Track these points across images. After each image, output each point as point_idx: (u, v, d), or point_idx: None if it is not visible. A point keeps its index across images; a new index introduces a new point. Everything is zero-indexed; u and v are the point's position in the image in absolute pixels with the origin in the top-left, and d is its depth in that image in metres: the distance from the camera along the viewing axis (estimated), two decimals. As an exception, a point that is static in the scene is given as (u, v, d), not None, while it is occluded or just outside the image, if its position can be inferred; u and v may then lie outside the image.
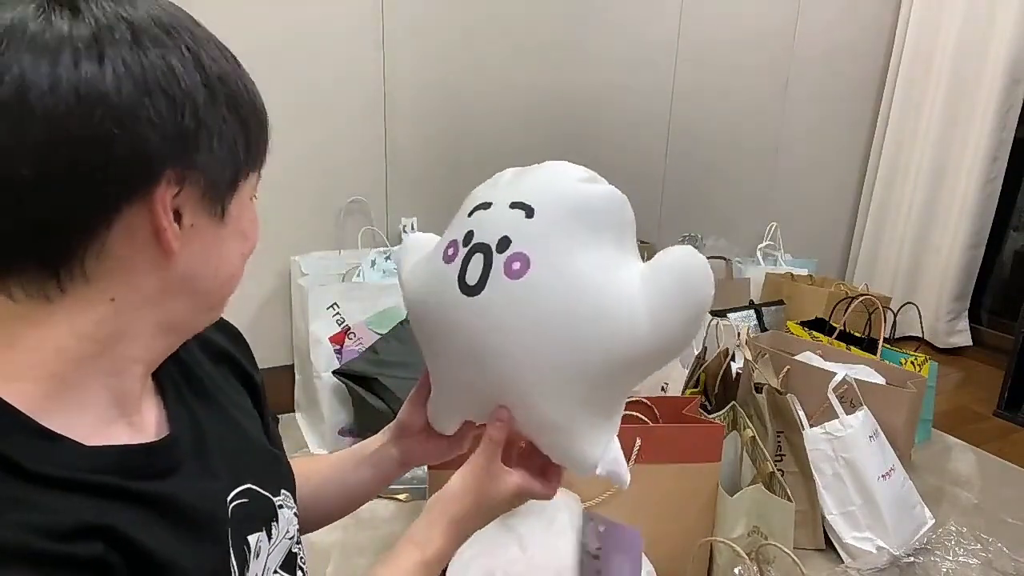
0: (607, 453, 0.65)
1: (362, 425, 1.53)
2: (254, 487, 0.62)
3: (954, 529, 1.30)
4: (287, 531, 0.65)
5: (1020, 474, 1.60)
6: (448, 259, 0.65)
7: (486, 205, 0.65)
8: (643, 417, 1.15)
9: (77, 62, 0.45)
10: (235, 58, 0.54)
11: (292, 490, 0.68)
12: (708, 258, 1.80)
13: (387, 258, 1.86)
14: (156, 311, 0.52)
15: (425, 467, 1.25)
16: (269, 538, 0.62)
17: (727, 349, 1.44)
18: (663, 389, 1.42)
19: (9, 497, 0.43)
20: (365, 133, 1.91)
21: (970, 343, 2.70)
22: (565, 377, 0.62)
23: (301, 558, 0.67)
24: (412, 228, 1.95)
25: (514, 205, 0.63)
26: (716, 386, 1.41)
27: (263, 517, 0.62)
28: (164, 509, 0.51)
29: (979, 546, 1.27)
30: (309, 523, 0.78)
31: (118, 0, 0.48)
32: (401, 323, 1.65)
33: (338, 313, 1.65)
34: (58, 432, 0.47)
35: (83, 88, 0.44)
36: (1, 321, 0.49)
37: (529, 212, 0.62)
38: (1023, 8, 2.40)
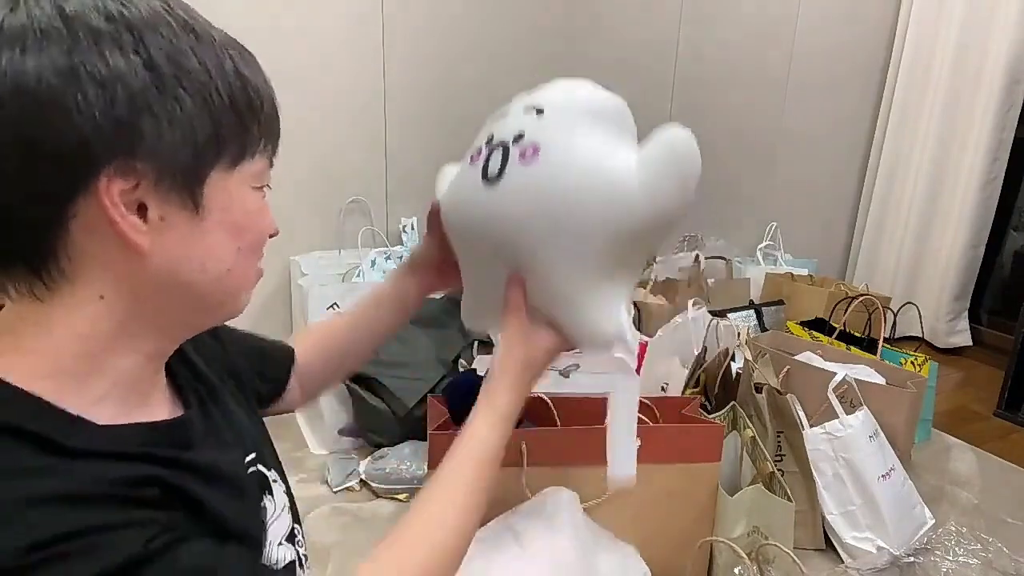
0: (618, 325, 0.69)
1: (362, 425, 1.53)
2: (256, 461, 0.65)
3: (954, 529, 1.30)
4: (283, 505, 0.67)
5: (1020, 474, 1.60)
6: (473, 161, 0.72)
7: (504, 114, 0.73)
8: (643, 417, 1.15)
9: None
10: (214, 40, 0.51)
11: (283, 472, 0.70)
12: (708, 258, 1.79)
13: (387, 258, 1.86)
14: (151, 308, 0.52)
15: (425, 467, 1.25)
16: (272, 508, 0.65)
17: (727, 349, 1.44)
18: (663, 389, 1.42)
19: (62, 465, 0.45)
20: (365, 133, 1.91)
21: (970, 343, 2.70)
22: (572, 245, 0.67)
23: (299, 541, 0.69)
24: (412, 228, 1.95)
25: (527, 109, 0.71)
26: (716, 386, 1.41)
27: (265, 488, 0.65)
28: (198, 471, 0.53)
29: (979, 546, 1.27)
30: (334, 376, 0.89)
31: None
32: (401, 323, 1.65)
33: (339, 313, 1.65)
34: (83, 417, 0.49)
35: (3, 80, 0.44)
36: (8, 324, 0.50)
37: (540, 112, 0.70)
38: (1023, 8, 2.40)
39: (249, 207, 0.55)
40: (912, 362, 1.58)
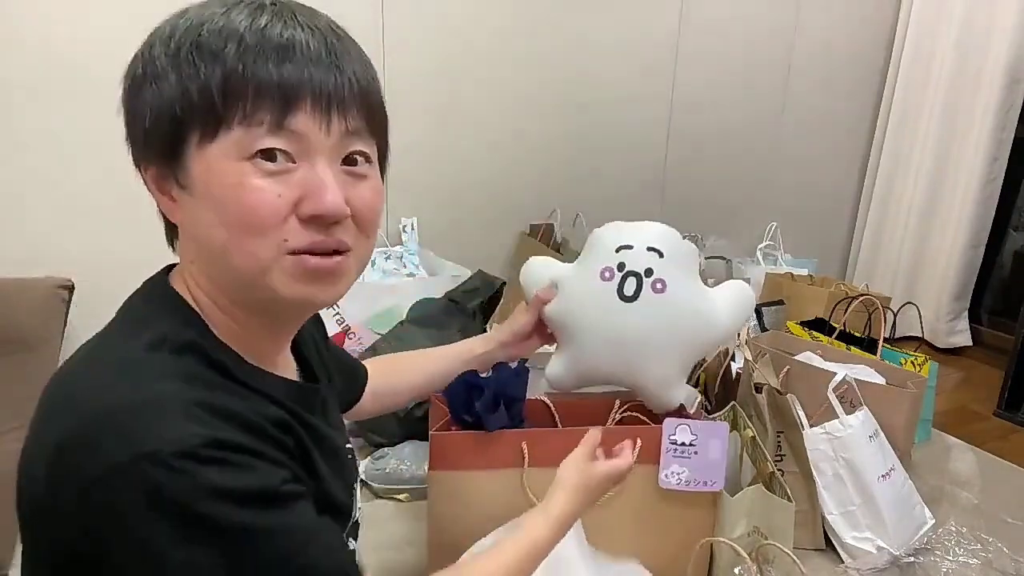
0: (683, 395, 1.08)
1: (362, 425, 1.53)
2: (351, 451, 0.75)
3: (954, 529, 1.30)
4: (359, 503, 0.77)
5: (1020, 474, 1.60)
6: (606, 280, 1.02)
7: (628, 247, 1.03)
8: (643, 417, 1.15)
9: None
10: (220, 29, 0.52)
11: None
12: (707, 258, 1.89)
13: (387, 258, 1.86)
14: (211, 275, 0.59)
15: (425, 468, 1.25)
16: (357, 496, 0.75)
17: (727, 349, 1.44)
18: (663, 389, 1.42)
19: (230, 388, 0.55)
20: (365, 133, 1.91)
21: (970, 343, 2.71)
22: (678, 353, 1.05)
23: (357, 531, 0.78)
24: (412, 228, 1.95)
25: (650, 248, 1.02)
26: (716, 386, 1.41)
27: (354, 478, 0.74)
28: (318, 437, 0.62)
29: (979, 546, 1.27)
30: (403, 402, 1.08)
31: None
32: (401, 323, 1.65)
33: (338, 313, 1.65)
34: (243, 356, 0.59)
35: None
36: (182, 272, 0.61)
37: (660, 254, 1.02)
38: (1023, 8, 2.40)
39: (231, 180, 0.53)
40: (912, 362, 1.58)
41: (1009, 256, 2.80)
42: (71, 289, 1.53)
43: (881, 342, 1.53)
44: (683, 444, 1.04)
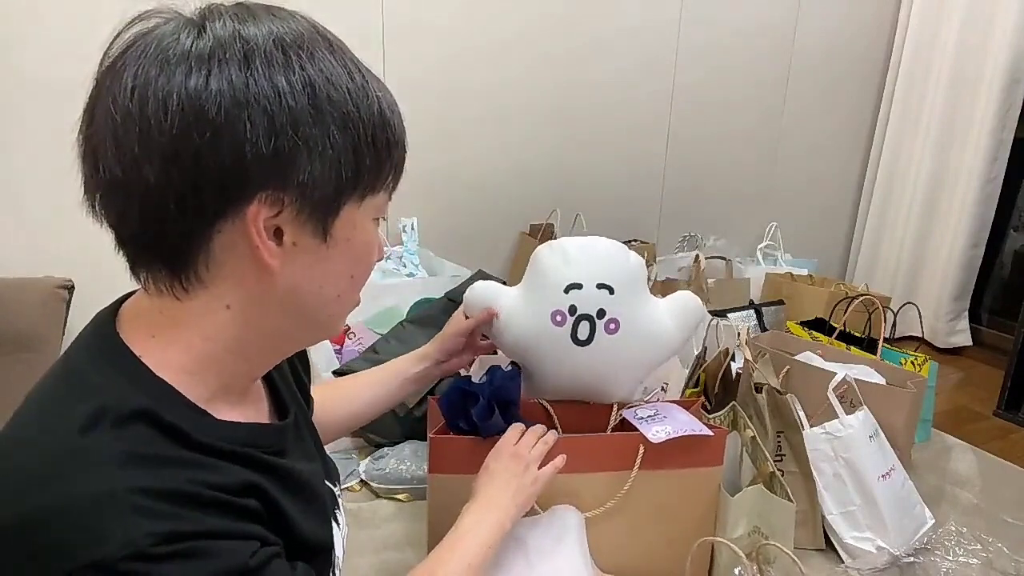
0: (640, 393, 1.16)
1: (362, 425, 1.53)
2: (325, 478, 0.70)
3: (954, 529, 1.30)
4: (345, 525, 0.72)
5: (1020, 474, 1.60)
6: (558, 324, 1.02)
7: (578, 285, 1.02)
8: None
9: (187, 76, 0.47)
10: (365, 80, 0.54)
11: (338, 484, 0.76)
12: (708, 258, 1.92)
13: (387, 258, 1.86)
14: (267, 322, 0.56)
15: (425, 468, 1.25)
16: (337, 525, 0.69)
17: (727, 349, 1.44)
18: (663, 389, 1.42)
19: (184, 459, 0.49)
20: (365, 133, 1.91)
21: (970, 343, 2.70)
22: (635, 374, 1.10)
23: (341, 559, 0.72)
24: (412, 228, 1.95)
25: (600, 286, 1.02)
26: (716, 386, 1.41)
27: (333, 505, 0.70)
28: (288, 479, 0.58)
29: (979, 546, 1.27)
30: (342, 433, 1.03)
31: (242, 19, 0.49)
32: (401, 323, 1.65)
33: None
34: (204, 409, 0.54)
35: (187, 103, 0.46)
36: (143, 310, 0.55)
37: (611, 291, 1.02)
38: (1023, 8, 2.39)
39: (368, 238, 0.58)
40: (912, 362, 1.58)
41: (1009, 256, 2.80)
42: (71, 289, 1.53)
43: (881, 342, 1.53)
44: (649, 416, 1.06)
